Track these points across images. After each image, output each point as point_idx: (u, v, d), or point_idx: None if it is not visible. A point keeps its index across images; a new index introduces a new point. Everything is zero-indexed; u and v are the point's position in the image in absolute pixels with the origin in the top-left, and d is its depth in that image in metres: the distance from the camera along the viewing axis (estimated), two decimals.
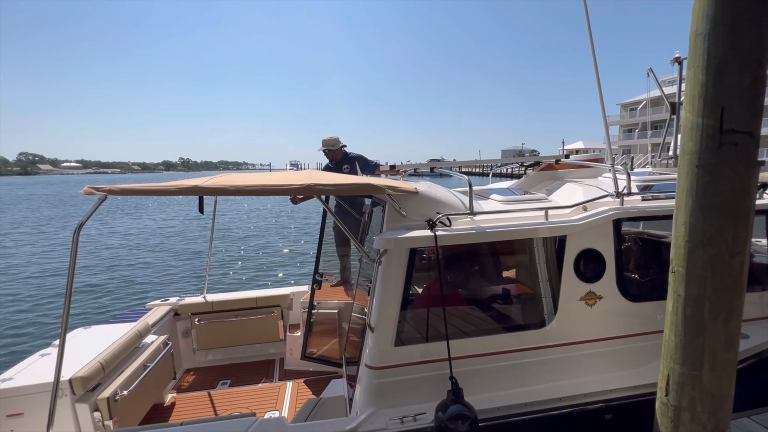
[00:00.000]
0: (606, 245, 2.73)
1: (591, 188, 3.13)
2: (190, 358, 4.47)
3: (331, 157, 4.65)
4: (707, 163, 1.59)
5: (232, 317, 4.49)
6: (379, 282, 2.50)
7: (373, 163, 4.70)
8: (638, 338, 2.74)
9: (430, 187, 2.85)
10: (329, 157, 4.66)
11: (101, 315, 7.99)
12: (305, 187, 2.38)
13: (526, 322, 2.82)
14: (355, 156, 4.69)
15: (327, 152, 4.62)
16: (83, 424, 2.80)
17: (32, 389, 2.73)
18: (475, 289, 3.04)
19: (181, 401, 3.76)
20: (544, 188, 3.61)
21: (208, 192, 2.35)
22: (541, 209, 2.76)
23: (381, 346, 2.49)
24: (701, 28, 1.58)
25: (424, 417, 2.39)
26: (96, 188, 2.26)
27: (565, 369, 2.67)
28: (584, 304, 2.71)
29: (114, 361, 3.14)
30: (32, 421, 2.73)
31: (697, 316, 1.68)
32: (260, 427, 2.34)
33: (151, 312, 4.20)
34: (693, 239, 1.66)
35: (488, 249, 2.96)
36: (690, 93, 1.64)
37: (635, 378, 2.65)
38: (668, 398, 1.80)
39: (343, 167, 4.60)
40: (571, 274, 2.69)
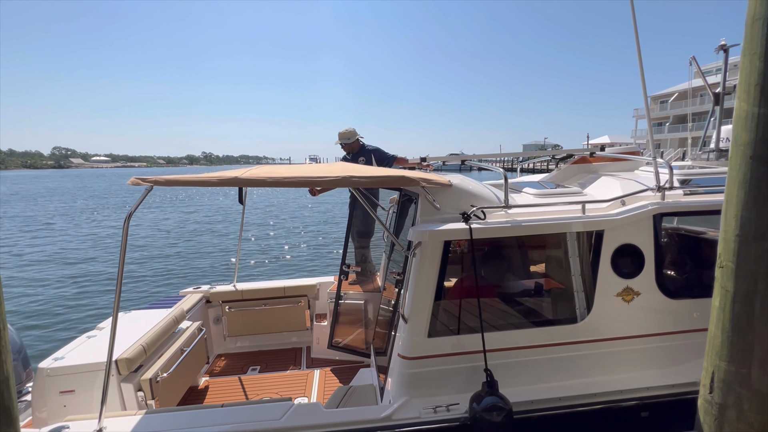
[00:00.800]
0: (645, 240, 2.66)
1: (628, 182, 3.05)
2: (221, 344, 4.63)
3: (348, 150, 4.61)
4: (763, 154, 1.53)
5: (260, 305, 4.61)
6: (414, 274, 2.53)
7: (390, 155, 4.66)
8: (676, 336, 2.67)
9: (463, 180, 2.84)
10: (346, 149, 4.63)
11: (137, 301, 8.37)
12: (341, 180, 2.42)
13: (561, 317, 2.79)
14: (372, 148, 4.65)
15: (343, 145, 4.59)
16: (128, 403, 2.96)
17: (83, 368, 2.90)
18: (508, 282, 3.03)
19: (214, 385, 3.91)
20: (577, 182, 3.54)
21: (248, 183, 2.42)
22: (578, 203, 2.71)
23: (415, 337, 2.52)
24: (759, 12, 1.52)
25: (457, 407, 2.41)
26: (142, 179, 2.37)
27: (601, 365, 2.64)
28: (621, 300, 2.66)
29: (154, 344, 3.29)
30: (83, 398, 2.90)
31: (747, 313, 1.63)
32: (297, 411, 2.42)
33: (185, 299, 4.37)
34: (745, 233, 1.60)
35: (522, 242, 2.94)
36: (745, 81, 1.58)
37: (673, 376, 2.59)
38: (712, 396, 1.76)
39: (359, 159, 4.58)
40: (608, 269, 2.64)
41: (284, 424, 2.37)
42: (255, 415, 2.45)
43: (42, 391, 2.85)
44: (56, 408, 2.84)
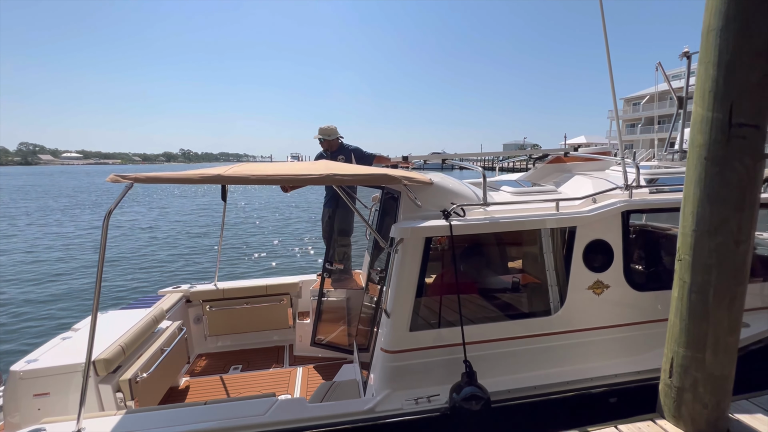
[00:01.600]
0: (614, 236, 2.81)
1: (600, 181, 3.20)
2: (201, 343, 4.58)
3: (326, 147, 4.59)
4: (716, 155, 1.66)
5: (242, 304, 4.59)
6: (396, 270, 2.59)
7: (369, 153, 4.68)
8: (643, 326, 2.83)
9: (443, 178, 2.92)
10: (324, 146, 4.60)
11: (115, 301, 8.14)
12: (325, 177, 2.45)
13: (537, 309, 2.91)
14: (352, 148, 4.66)
15: (322, 141, 4.55)
16: (106, 404, 2.91)
17: (57, 370, 2.83)
18: (486, 277, 3.13)
19: (195, 384, 3.87)
20: (552, 180, 3.68)
21: (231, 180, 2.42)
22: (553, 201, 2.83)
23: (397, 331, 2.58)
24: (714, 24, 1.64)
25: (438, 398, 2.49)
26: (122, 176, 2.33)
27: (574, 355, 2.77)
28: (592, 292, 2.79)
29: (133, 344, 3.24)
30: (57, 401, 2.84)
31: (702, 302, 1.76)
32: (281, 406, 2.44)
33: (165, 298, 4.30)
34: (700, 228, 1.73)
35: (499, 239, 3.05)
36: (701, 87, 1.71)
37: (639, 363, 2.75)
38: (672, 380, 1.89)
39: (339, 157, 4.58)
40: (580, 263, 2.77)
41: (269, 419, 2.39)
42: (239, 411, 2.46)
43: (14, 395, 2.77)
44: (30, 412, 2.77)
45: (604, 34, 2.69)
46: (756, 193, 1.67)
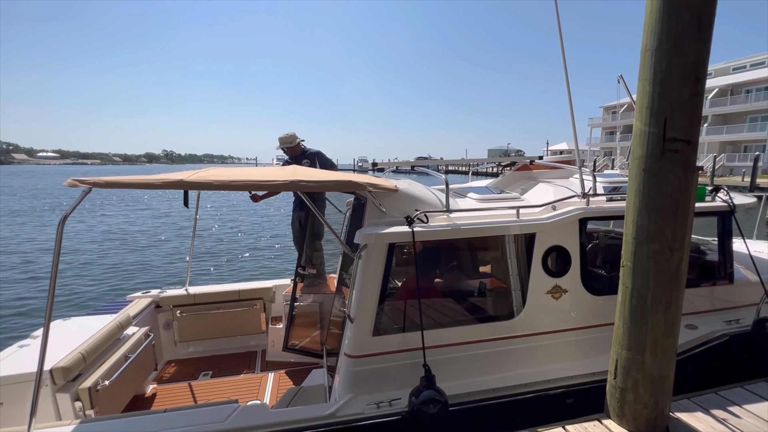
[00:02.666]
0: (572, 242, 2.91)
1: (561, 188, 3.31)
2: (171, 349, 4.50)
3: (291, 154, 4.71)
4: (652, 167, 1.76)
5: (214, 309, 4.54)
6: (359, 275, 2.62)
7: (330, 161, 4.81)
8: (599, 329, 2.94)
9: (410, 185, 2.98)
10: (288, 154, 4.73)
11: (81, 307, 7.89)
12: (289, 183, 2.47)
13: (497, 313, 2.98)
14: (314, 152, 4.77)
15: (286, 150, 4.70)
16: (64, 414, 2.83)
17: (11, 380, 2.75)
18: (449, 282, 3.20)
19: (162, 392, 3.81)
20: (519, 187, 3.79)
21: (193, 186, 2.41)
22: (513, 208, 2.92)
23: (359, 336, 2.61)
24: (649, 44, 1.75)
25: (399, 402, 2.52)
26: (80, 180, 2.29)
27: (531, 357, 2.85)
28: (551, 297, 2.88)
29: (95, 351, 3.17)
30: (11, 411, 2.75)
31: (642, 306, 1.85)
32: (242, 413, 2.44)
33: (133, 304, 4.22)
34: (639, 236, 1.83)
35: (463, 245, 3.11)
36: (639, 103, 1.81)
37: (594, 365, 2.84)
38: (616, 381, 1.98)
39: (303, 162, 4.67)
40: (539, 269, 2.86)
41: (229, 426, 2.38)
42: (198, 419, 2.43)
43: None
44: None
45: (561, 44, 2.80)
46: (689, 203, 1.77)
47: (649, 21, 1.75)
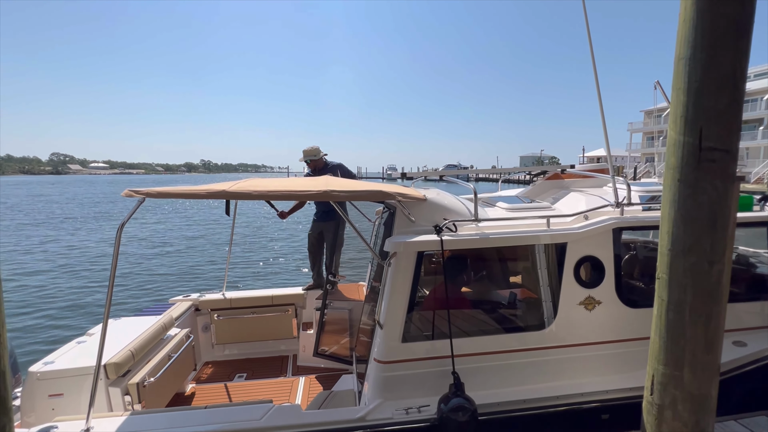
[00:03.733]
0: (605, 253, 2.84)
1: (594, 198, 3.24)
2: (209, 351, 4.74)
3: (313, 166, 4.85)
4: (687, 177, 1.72)
5: (248, 314, 4.74)
6: (389, 282, 2.69)
7: (350, 172, 4.97)
8: (636, 343, 2.83)
9: (438, 194, 3.03)
10: (311, 166, 4.87)
11: (128, 308, 8.44)
12: (322, 193, 2.59)
13: (527, 324, 2.95)
14: (336, 164, 4.91)
15: (309, 162, 4.82)
16: (115, 406, 3.06)
17: (72, 372, 3.02)
18: (478, 291, 3.19)
19: (201, 391, 4.01)
20: (551, 196, 3.74)
21: (234, 196, 2.59)
22: (544, 217, 2.90)
23: (389, 342, 2.66)
24: (683, 53, 1.72)
25: (428, 409, 2.55)
26: (135, 191, 2.53)
27: (563, 370, 2.79)
28: (584, 308, 2.82)
29: (142, 350, 3.41)
30: (71, 402, 3.01)
31: (679, 320, 1.79)
32: (277, 412, 2.55)
33: (174, 306, 4.49)
34: (675, 248, 1.78)
35: (492, 254, 3.11)
36: (673, 112, 1.78)
37: (632, 380, 2.74)
38: (653, 397, 1.91)
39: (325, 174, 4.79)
40: (571, 279, 2.81)
41: (264, 424, 2.50)
42: (236, 416, 2.57)
43: (31, 395, 2.95)
44: (44, 411, 2.94)
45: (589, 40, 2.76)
46: (729, 214, 1.71)
47: (683, 29, 1.72)
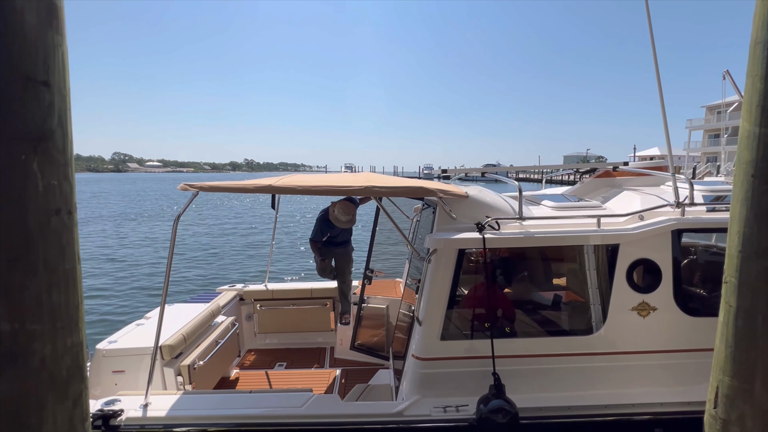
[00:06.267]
0: (663, 256, 2.65)
1: (650, 197, 3.04)
2: (251, 339, 4.96)
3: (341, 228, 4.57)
4: (763, 172, 1.57)
5: (289, 305, 4.90)
6: (428, 279, 2.68)
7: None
8: (695, 354, 2.63)
9: (480, 191, 2.97)
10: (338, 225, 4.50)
11: (180, 295, 9.04)
12: (363, 189, 2.63)
13: (573, 327, 2.82)
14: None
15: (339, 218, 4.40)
16: (168, 385, 3.29)
17: (132, 352, 3.28)
18: (522, 291, 3.10)
19: (244, 377, 4.21)
20: (600, 195, 3.55)
21: (280, 191, 2.69)
22: (593, 217, 2.75)
23: (427, 339, 2.65)
24: (761, 36, 1.57)
25: (466, 408, 2.51)
26: (190, 185, 2.70)
27: (613, 377, 2.64)
28: (636, 314, 2.65)
29: (193, 334, 3.63)
30: (131, 378, 3.27)
31: (750, 328, 1.64)
32: (317, 401, 2.62)
33: (221, 295, 4.74)
34: (747, 249, 1.63)
35: (536, 254, 3.00)
36: (747, 102, 1.63)
37: (690, 394, 2.55)
38: (717, 411, 1.77)
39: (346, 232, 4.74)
40: (623, 283, 2.65)
41: (304, 412, 2.58)
42: (278, 402, 2.68)
43: (98, 370, 3.24)
44: (109, 385, 3.22)
45: (650, 30, 2.59)
46: None
47: (761, 10, 1.57)
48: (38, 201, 1.21)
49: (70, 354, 1.32)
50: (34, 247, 1.20)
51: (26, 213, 1.19)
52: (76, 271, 1.34)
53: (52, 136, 1.23)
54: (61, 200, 1.27)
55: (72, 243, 1.33)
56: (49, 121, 1.22)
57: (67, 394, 1.31)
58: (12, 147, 1.16)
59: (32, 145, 1.18)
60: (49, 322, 1.25)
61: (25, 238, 1.19)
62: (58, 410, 1.28)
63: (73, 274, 1.33)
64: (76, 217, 1.37)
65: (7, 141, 1.15)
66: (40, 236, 1.22)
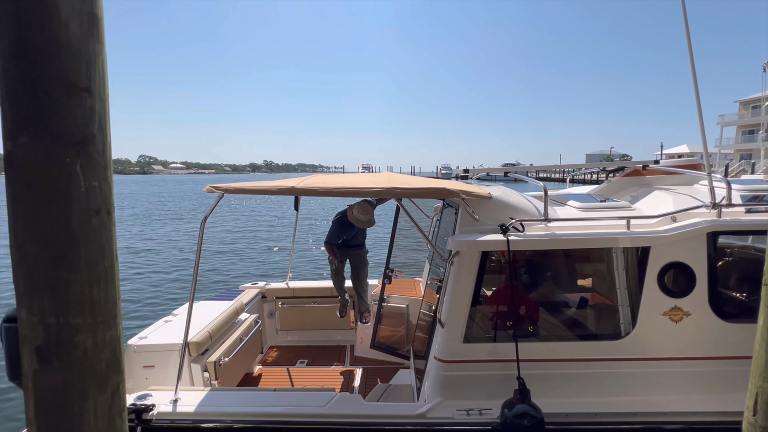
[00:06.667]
0: (697, 259, 2.55)
1: (683, 197, 2.92)
2: (273, 336, 5.04)
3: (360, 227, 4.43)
4: None
5: (310, 303, 4.96)
6: (451, 281, 2.65)
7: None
8: (731, 362, 2.51)
9: (504, 192, 2.92)
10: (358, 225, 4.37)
11: (204, 292, 9.30)
12: (385, 190, 2.63)
13: (601, 331, 2.75)
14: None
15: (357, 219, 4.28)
16: (196, 381, 3.39)
17: (161, 348, 3.39)
18: (547, 294, 3.03)
19: (267, 373, 4.29)
20: (629, 195, 3.44)
21: (302, 192, 2.73)
22: (623, 218, 2.66)
23: (450, 342, 2.63)
24: None
25: (490, 412, 2.48)
26: (215, 187, 2.78)
27: (642, 384, 2.56)
28: (668, 319, 2.56)
29: (218, 331, 3.73)
30: (160, 373, 3.38)
31: None
32: (340, 400, 2.65)
33: (244, 293, 4.84)
34: None
35: (563, 257, 2.93)
36: None
37: (726, 403, 2.44)
38: (756, 419, 1.69)
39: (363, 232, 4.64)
40: (654, 287, 2.56)
41: (327, 411, 2.61)
42: (302, 401, 2.72)
43: (129, 364, 3.36)
44: (140, 380, 3.34)
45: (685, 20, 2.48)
46: None
47: None
48: (81, 201, 1.27)
49: (109, 347, 1.38)
50: (77, 245, 1.27)
51: (70, 213, 1.25)
52: (114, 268, 1.40)
53: (93, 140, 1.29)
54: (101, 200, 1.33)
55: (110, 241, 1.38)
56: (91, 125, 1.28)
57: (106, 385, 1.37)
58: (58, 150, 1.22)
59: (75, 149, 1.24)
60: (90, 317, 1.31)
61: (69, 237, 1.25)
62: (98, 401, 1.34)
63: (111, 271, 1.39)
64: (114, 216, 1.43)
65: (54, 144, 1.21)
66: (83, 235, 1.28)
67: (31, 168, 1.20)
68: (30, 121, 1.19)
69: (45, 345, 1.25)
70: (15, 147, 1.19)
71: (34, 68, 1.17)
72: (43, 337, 1.24)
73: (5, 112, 1.19)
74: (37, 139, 1.20)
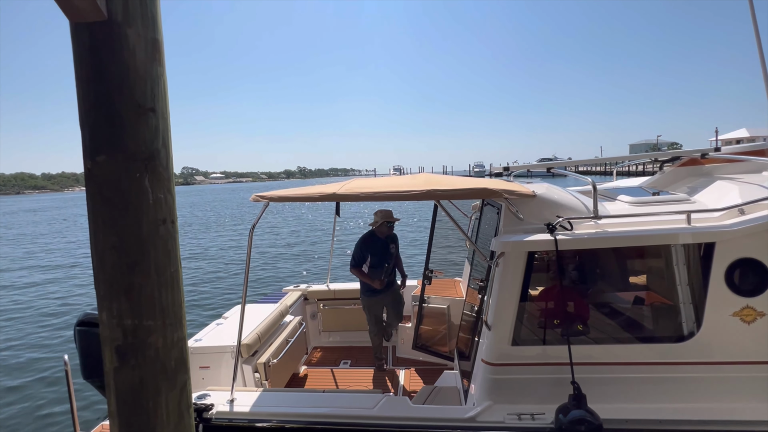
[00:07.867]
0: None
1: (750, 187, 2.69)
2: (316, 337, 5.16)
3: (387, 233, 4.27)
4: None
5: (351, 305, 5.03)
6: (497, 283, 2.59)
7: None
8: None
9: (548, 189, 2.81)
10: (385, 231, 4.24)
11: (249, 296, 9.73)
12: (425, 193, 2.62)
13: (662, 334, 2.58)
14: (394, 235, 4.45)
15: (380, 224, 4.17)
16: (247, 381, 3.54)
17: (215, 349, 3.57)
18: (600, 295, 2.89)
19: (312, 373, 4.39)
20: (686, 187, 3.21)
21: (343, 198, 2.78)
22: (682, 212, 2.48)
23: (498, 344, 2.57)
24: None
25: (543, 417, 2.39)
26: (261, 196, 2.89)
27: (710, 390, 2.37)
28: (739, 320, 2.36)
29: (266, 333, 3.87)
30: (214, 373, 3.56)
31: None
32: (388, 402, 2.66)
33: (287, 296, 4.99)
34: None
35: (616, 255, 2.78)
36: None
37: None
38: None
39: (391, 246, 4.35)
40: (722, 285, 2.37)
41: (376, 413, 2.63)
42: (351, 402, 2.76)
43: None
44: (197, 380, 3.53)
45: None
46: None
47: None
48: (149, 212, 1.38)
49: (177, 347, 1.48)
50: (147, 253, 1.37)
51: (141, 223, 1.35)
52: (179, 273, 1.50)
53: (158, 156, 1.39)
54: (166, 211, 1.43)
55: (175, 248, 1.48)
56: (156, 142, 1.38)
57: (175, 383, 1.47)
58: (129, 165, 1.33)
59: (144, 164, 1.35)
60: (160, 319, 1.41)
61: (141, 245, 1.36)
62: (170, 397, 1.44)
63: (176, 276, 1.49)
64: (177, 225, 1.53)
65: (126, 161, 1.32)
66: (152, 243, 1.38)
67: (108, 184, 1.32)
68: (106, 141, 1.30)
69: (123, 345, 1.36)
70: (94, 165, 1.31)
71: (109, 93, 1.28)
72: (121, 337, 1.35)
73: (84, 134, 1.31)
74: (113, 158, 1.31)
